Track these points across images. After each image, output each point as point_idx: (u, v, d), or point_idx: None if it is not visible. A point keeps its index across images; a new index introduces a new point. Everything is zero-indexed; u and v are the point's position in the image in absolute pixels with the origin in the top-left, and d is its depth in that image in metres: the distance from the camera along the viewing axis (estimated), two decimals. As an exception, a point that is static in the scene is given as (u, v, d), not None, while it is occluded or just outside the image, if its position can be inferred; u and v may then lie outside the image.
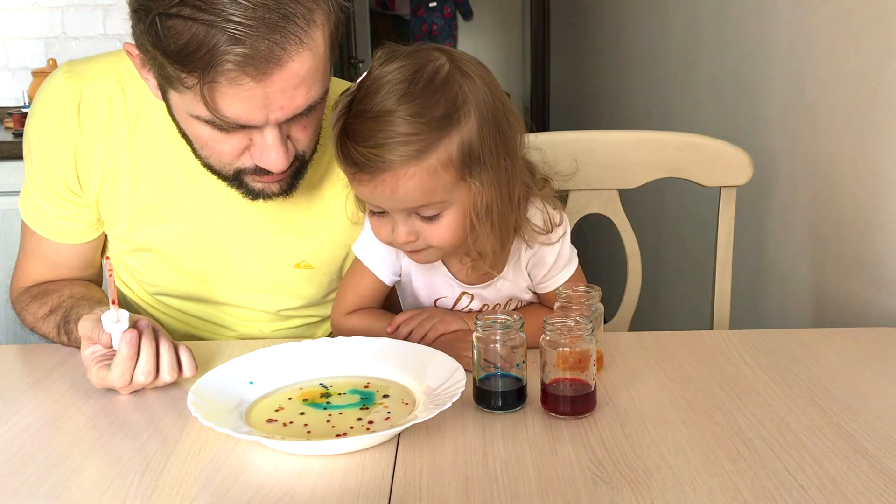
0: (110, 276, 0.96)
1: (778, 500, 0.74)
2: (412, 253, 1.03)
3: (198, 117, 0.93)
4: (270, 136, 0.94)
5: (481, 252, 1.01)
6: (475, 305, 1.11)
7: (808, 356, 1.04)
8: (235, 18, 0.84)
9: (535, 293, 1.14)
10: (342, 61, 4.26)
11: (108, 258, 0.98)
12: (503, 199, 0.98)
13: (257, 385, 0.95)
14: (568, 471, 0.79)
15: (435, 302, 1.13)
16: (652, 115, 2.52)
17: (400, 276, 1.14)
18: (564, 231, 1.08)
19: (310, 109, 0.94)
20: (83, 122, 1.10)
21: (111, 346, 0.96)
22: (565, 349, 0.88)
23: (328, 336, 1.18)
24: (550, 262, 1.08)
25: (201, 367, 1.00)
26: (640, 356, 1.05)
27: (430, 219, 0.97)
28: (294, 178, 1.03)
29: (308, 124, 0.98)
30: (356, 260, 1.14)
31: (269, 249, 1.17)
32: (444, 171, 0.93)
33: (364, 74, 0.97)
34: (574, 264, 1.10)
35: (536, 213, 1.05)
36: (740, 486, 0.76)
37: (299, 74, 0.90)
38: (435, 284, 1.11)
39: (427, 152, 0.92)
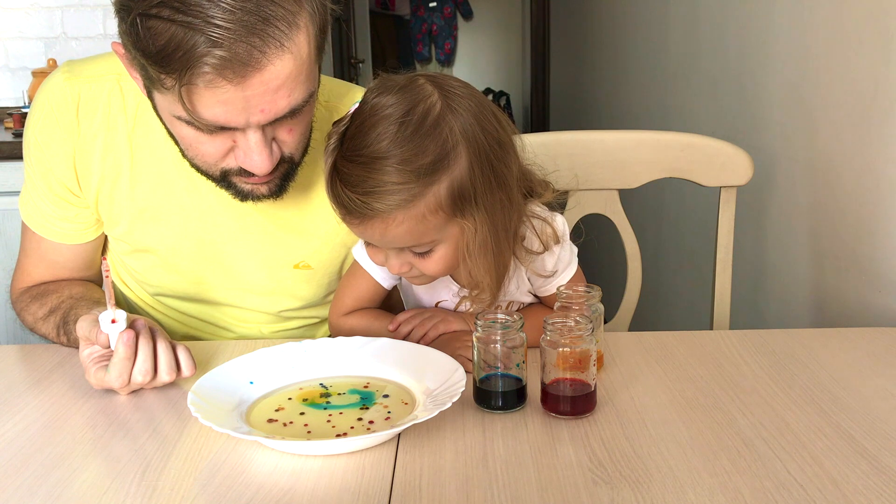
0: (107, 276, 0.95)
1: (778, 500, 0.74)
2: (408, 277, 1.03)
3: (179, 118, 0.92)
4: (253, 139, 0.93)
5: (478, 284, 1.01)
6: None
7: (808, 356, 1.04)
8: (215, 21, 0.83)
9: (535, 295, 1.14)
10: (342, 61, 4.27)
11: (105, 258, 0.98)
12: (499, 232, 0.97)
13: (257, 385, 0.95)
14: (568, 471, 0.79)
15: (436, 305, 1.13)
16: (652, 115, 2.52)
17: (399, 279, 1.14)
18: (563, 239, 1.07)
19: (293, 112, 0.93)
20: (82, 123, 1.10)
21: (109, 347, 0.96)
22: (565, 349, 0.88)
23: (328, 337, 1.18)
24: (550, 268, 1.07)
25: (201, 367, 1.00)
26: (640, 356, 1.05)
27: (422, 254, 0.98)
28: (283, 180, 1.02)
29: (294, 126, 0.97)
30: (355, 262, 1.14)
31: (268, 250, 1.17)
32: (432, 216, 0.93)
33: (356, 105, 0.96)
34: (574, 265, 1.10)
35: (533, 239, 1.04)
36: (740, 486, 0.76)
37: (279, 77, 0.88)
38: (436, 289, 1.12)
39: (415, 200, 0.91)
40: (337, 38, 4.19)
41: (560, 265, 1.08)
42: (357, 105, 0.96)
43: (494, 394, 0.91)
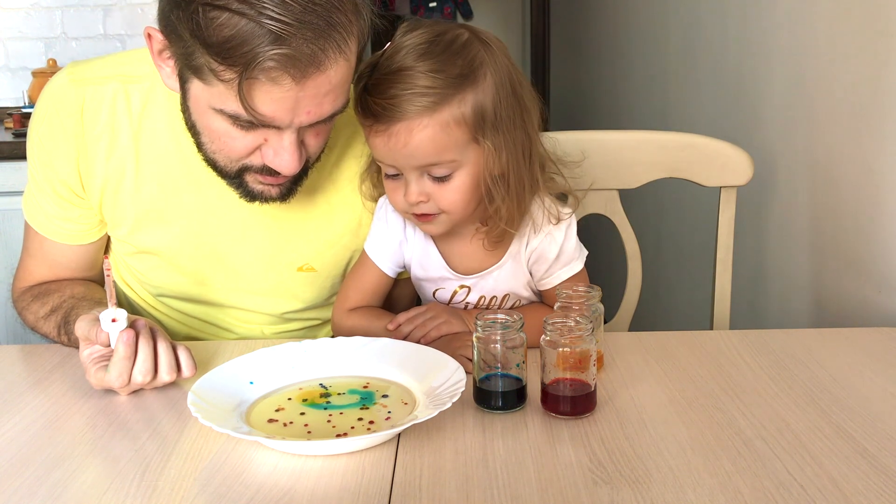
0: (108, 275, 0.96)
1: (778, 500, 0.74)
2: (423, 220, 1.03)
3: (221, 111, 0.93)
4: (288, 139, 0.95)
5: (496, 211, 1.02)
6: (472, 298, 1.11)
7: (809, 356, 1.04)
8: (283, 18, 0.85)
9: (536, 293, 1.14)
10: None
11: (106, 257, 0.98)
12: (519, 165, 1.00)
13: (257, 385, 0.95)
14: (568, 471, 0.79)
15: (434, 293, 1.13)
16: (652, 115, 2.52)
17: (402, 267, 1.15)
18: (569, 223, 1.08)
19: (331, 117, 0.96)
20: (86, 125, 1.10)
21: (109, 346, 0.96)
22: (565, 349, 0.88)
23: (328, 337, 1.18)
24: (552, 257, 1.08)
25: (201, 367, 1.00)
26: (640, 356, 1.05)
27: (441, 180, 0.99)
28: (294, 183, 1.04)
29: (321, 131, 0.99)
30: (362, 256, 1.15)
31: (272, 252, 1.17)
32: (456, 128, 0.96)
33: (388, 44, 0.99)
34: (579, 263, 1.10)
35: (539, 209, 1.06)
36: (740, 486, 0.76)
37: (332, 82, 0.91)
38: (432, 276, 1.12)
39: (441, 106, 0.95)
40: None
41: (563, 256, 1.08)
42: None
43: (494, 394, 0.91)
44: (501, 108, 0.98)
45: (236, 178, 1.01)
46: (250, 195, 1.03)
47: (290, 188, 1.04)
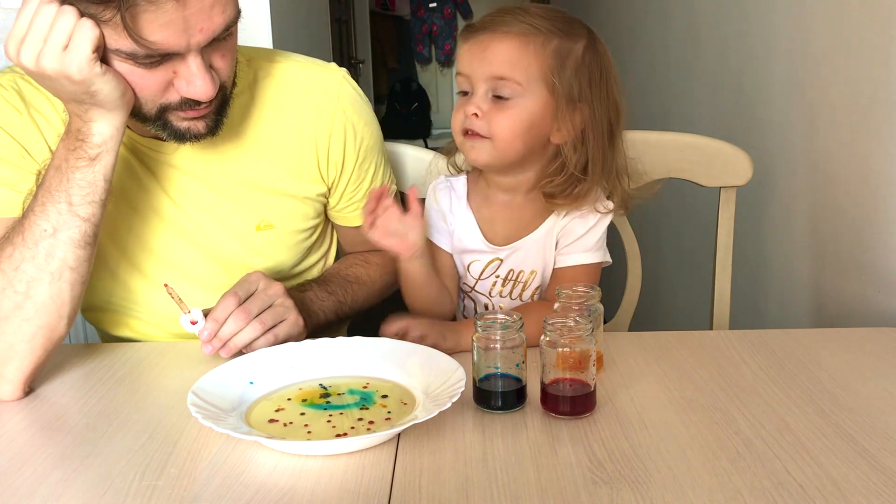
0: (170, 292, 1.02)
1: (778, 500, 0.74)
2: (471, 139, 1.08)
3: (117, 52, 0.93)
4: (194, 64, 0.96)
5: (565, 160, 1.09)
6: (502, 271, 1.15)
7: (808, 356, 1.04)
8: None
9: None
10: (342, 61, 4.27)
11: (167, 285, 1.03)
12: (597, 138, 1.09)
13: (257, 385, 0.95)
14: (568, 471, 0.79)
15: (469, 266, 1.17)
16: (652, 115, 2.52)
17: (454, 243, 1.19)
18: (606, 213, 1.13)
19: (227, 32, 0.97)
20: (31, 110, 1.10)
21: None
22: (565, 349, 0.88)
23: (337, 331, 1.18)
24: (580, 232, 1.12)
25: (201, 367, 1.00)
26: (640, 356, 1.05)
27: (502, 101, 1.05)
28: (218, 114, 1.05)
29: (226, 51, 1.01)
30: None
31: (224, 215, 1.17)
32: (534, 56, 1.05)
33: None
34: (595, 256, 1.14)
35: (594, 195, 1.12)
36: (740, 486, 0.76)
37: None
38: (469, 248, 1.16)
39: (531, 34, 1.05)
40: (337, 38, 4.20)
41: (588, 238, 1.13)
42: None
43: (494, 394, 0.91)
44: (584, 75, 1.07)
45: (158, 119, 1.01)
46: (177, 135, 1.03)
47: (216, 120, 1.04)
